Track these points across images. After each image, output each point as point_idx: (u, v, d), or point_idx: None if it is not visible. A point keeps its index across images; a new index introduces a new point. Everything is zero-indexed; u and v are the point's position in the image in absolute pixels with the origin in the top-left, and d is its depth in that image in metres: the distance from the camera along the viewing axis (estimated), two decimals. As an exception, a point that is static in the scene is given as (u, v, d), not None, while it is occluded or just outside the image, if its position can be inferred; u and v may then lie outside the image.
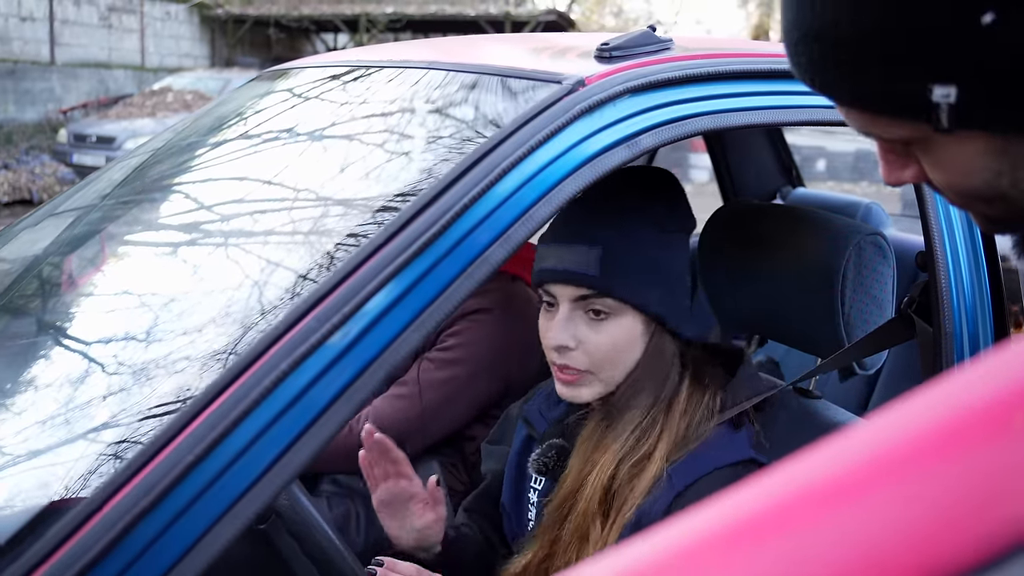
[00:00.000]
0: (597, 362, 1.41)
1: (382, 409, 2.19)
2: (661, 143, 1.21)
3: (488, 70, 1.31)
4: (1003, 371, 0.35)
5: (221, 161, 1.66)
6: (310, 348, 0.95)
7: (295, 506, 1.30)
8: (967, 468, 0.31)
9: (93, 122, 14.51)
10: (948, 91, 0.67)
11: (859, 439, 0.36)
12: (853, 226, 1.77)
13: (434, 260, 1.01)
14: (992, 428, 0.32)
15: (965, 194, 0.76)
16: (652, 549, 0.36)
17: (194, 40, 21.38)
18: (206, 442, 0.90)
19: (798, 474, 0.35)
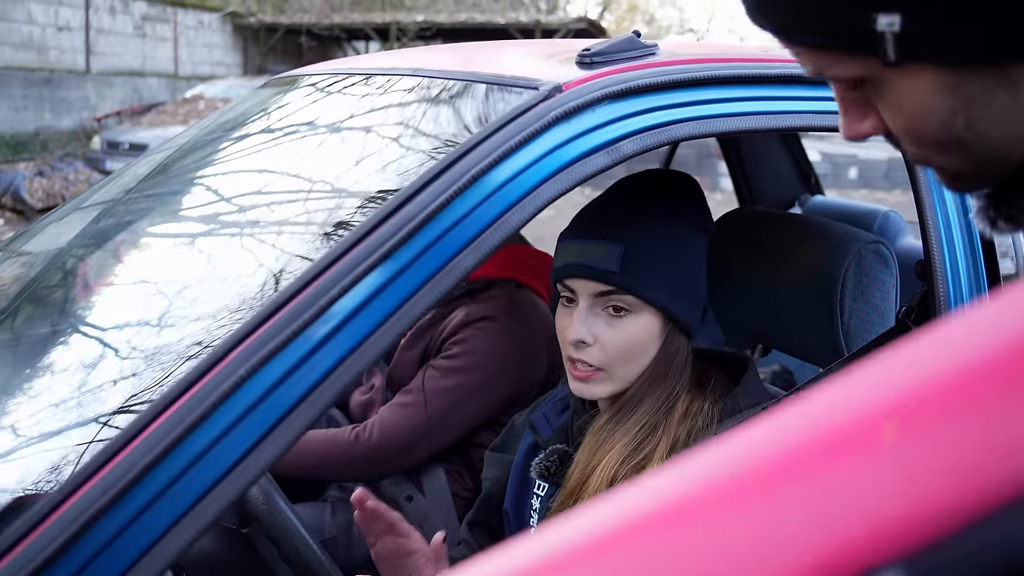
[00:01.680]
0: (612, 359, 1.41)
1: (388, 418, 2.19)
2: (643, 149, 1.20)
3: (468, 76, 1.31)
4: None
5: (205, 169, 1.67)
6: (274, 350, 0.95)
7: (273, 512, 1.30)
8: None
9: (126, 129, 14.68)
10: (892, 20, 0.67)
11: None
12: (854, 234, 1.75)
13: (402, 265, 1.01)
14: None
15: (922, 140, 0.75)
16: (552, 541, 0.35)
17: (227, 48, 21.58)
18: (164, 444, 0.90)
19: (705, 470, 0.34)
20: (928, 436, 0.31)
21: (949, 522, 0.30)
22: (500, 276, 2.26)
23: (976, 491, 0.30)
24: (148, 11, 18.80)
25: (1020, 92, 0.69)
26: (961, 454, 0.31)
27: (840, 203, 3.48)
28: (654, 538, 0.31)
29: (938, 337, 0.33)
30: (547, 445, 1.57)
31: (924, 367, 0.32)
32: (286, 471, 2.20)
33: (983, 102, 0.70)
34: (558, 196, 1.13)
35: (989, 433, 0.29)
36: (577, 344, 1.42)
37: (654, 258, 1.40)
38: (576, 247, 1.43)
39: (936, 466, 0.31)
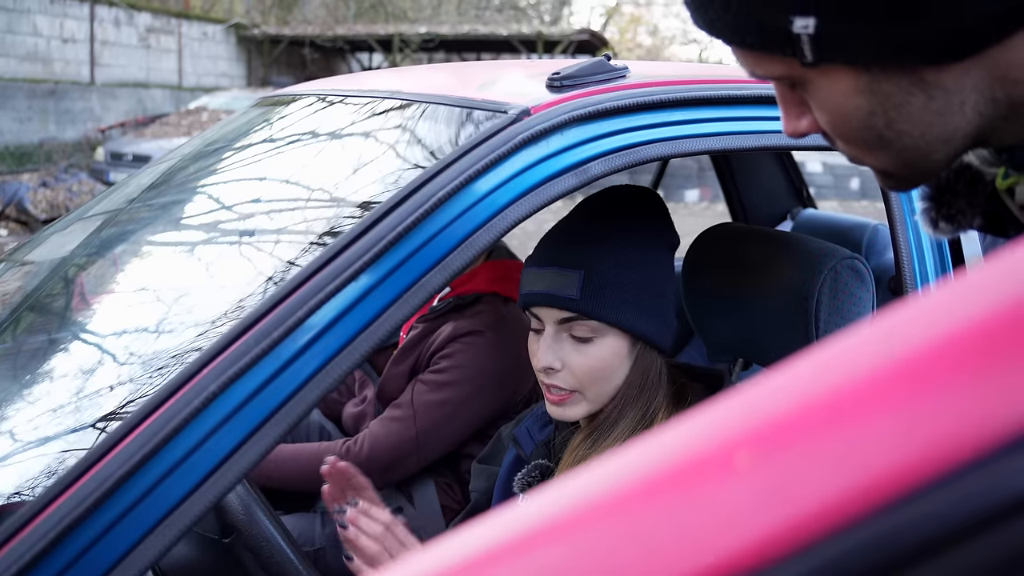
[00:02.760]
0: (584, 382, 1.43)
1: (378, 432, 2.21)
2: (611, 170, 1.22)
3: (440, 100, 1.34)
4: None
5: (185, 189, 1.70)
6: (245, 367, 0.98)
7: (252, 522, 1.33)
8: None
9: (130, 141, 14.74)
10: (807, 22, 0.70)
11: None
12: (830, 250, 1.77)
13: (370, 285, 1.04)
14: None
15: (849, 139, 0.78)
16: (469, 543, 0.38)
17: (231, 60, 21.67)
18: (138, 457, 0.93)
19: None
20: (779, 464, 0.34)
21: (806, 536, 0.33)
22: (487, 291, 2.29)
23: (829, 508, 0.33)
24: (152, 23, 18.89)
25: (935, 94, 0.73)
26: (811, 480, 0.34)
27: (830, 217, 3.50)
28: (527, 559, 0.34)
29: (791, 373, 0.36)
30: (530, 460, 1.59)
31: (778, 399, 0.35)
32: (278, 483, 2.23)
33: (900, 103, 0.73)
34: (526, 217, 1.16)
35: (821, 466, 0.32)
36: (546, 371, 1.44)
37: (614, 280, 1.41)
38: (537, 275, 1.45)
39: (791, 489, 0.34)
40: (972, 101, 0.73)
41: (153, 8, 19.07)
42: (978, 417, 0.34)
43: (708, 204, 14.55)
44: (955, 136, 0.75)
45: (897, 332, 0.36)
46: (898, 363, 0.35)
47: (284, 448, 2.26)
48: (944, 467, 0.33)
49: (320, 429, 2.56)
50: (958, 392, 0.34)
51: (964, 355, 0.35)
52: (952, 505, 0.33)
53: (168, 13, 19.45)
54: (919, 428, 0.34)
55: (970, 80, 0.72)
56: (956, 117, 0.74)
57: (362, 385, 2.61)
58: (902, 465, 0.33)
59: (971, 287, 0.37)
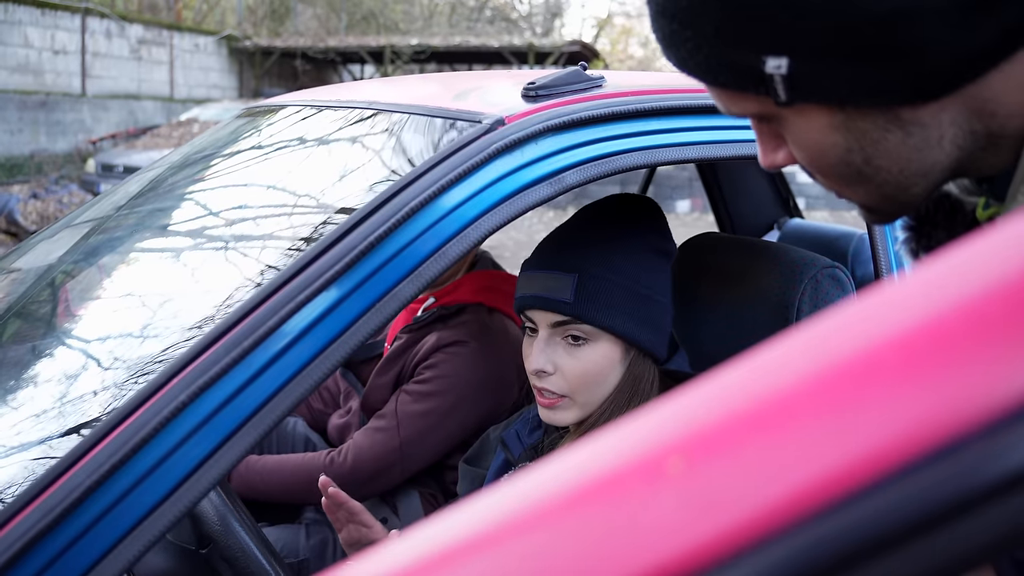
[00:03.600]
0: (575, 387, 1.43)
1: (362, 442, 2.21)
2: (587, 180, 1.22)
3: (415, 110, 1.34)
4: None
5: (160, 200, 1.70)
6: (215, 376, 0.98)
7: (228, 532, 1.32)
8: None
9: (121, 152, 14.71)
10: (780, 62, 0.70)
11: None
12: (810, 259, 1.77)
13: (343, 294, 1.04)
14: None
15: (827, 174, 0.78)
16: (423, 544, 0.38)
17: (222, 72, 21.67)
18: (106, 467, 0.93)
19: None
20: (711, 469, 0.34)
21: (736, 545, 0.33)
22: (471, 301, 2.29)
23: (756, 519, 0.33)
24: (144, 34, 18.90)
25: (913, 130, 0.72)
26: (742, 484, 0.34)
27: (816, 226, 3.50)
28: (453, 570, 0.34)
29: (725, 380, 0.36)
30: (518, 463, 1.59)
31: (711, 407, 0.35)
32: (262, 494, 2.22)
33: (876, 140, 0.73)
34: (500, 226, 1.16)
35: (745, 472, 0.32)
36: (538, 373, 1.44)
37: (609, 285, 1.42)
38: (533, 279, 1.46)
39: (722, 496, 0.34)
40: (950, 135, 0.73)
41: (145, 20, 19.07)
42: (913, 421, 0.34)
43: (699, 214, 14.58)
44: (934, 170, 0.75)
45: (830, 337, 0.36)
46: (830, 368, 0.35)
47: (268, 459, 2.26)
48: (875, 473, 0.33)
49: (305, 440, 2.55)
50: (892, 396, 0.34)
51: (898, 359, 0.35)
52: (883, 512, 0.33)
53: (160, 25, 19.45)
54: (851, 434, 0.34)
55: (947, 115, 0.72)
56: (935, 151, 0.73)
57: (347, 396, 2.61)
58: (833, 471, 0.33)
59: (906, 293, 0.37)
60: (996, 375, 0.33)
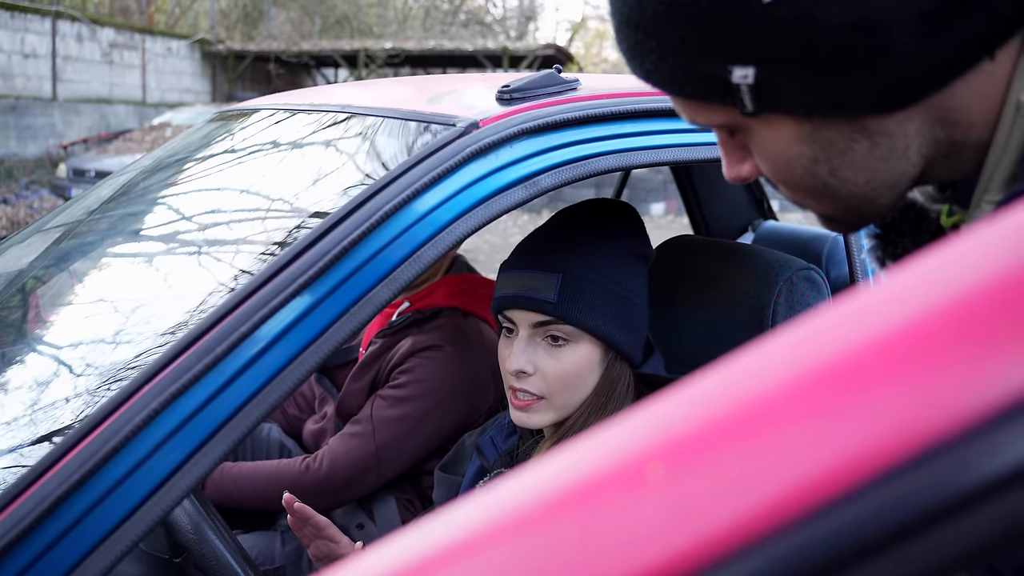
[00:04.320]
0: (553, 388, 1.43)
1: (337, 448, 2.19)
2: (562, 183, 1.22)
3: (388, 113, 1.33)
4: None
5: (131, 205, 1.69)
6: (187, 383, 0.97)
7: (201, 541, 1.31)
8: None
9: (92, 157, 14.60)
10: (746, 72, 0.69)
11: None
12: (785, 261, 1.77)
13: (317, 299, 1.03)
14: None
15: (792, 185, 0.77)
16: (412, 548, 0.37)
17: (195, 76, 21.56)
18: (76, 476, 0.92)
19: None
20: (692, 475, 0.33)
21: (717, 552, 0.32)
22: (446, 305, 2.28)
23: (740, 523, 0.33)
24: (116, 38, 18.76)
25: (879, 140, 0.72)
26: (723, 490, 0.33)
27: (791, 228, 3.52)
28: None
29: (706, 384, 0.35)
30: (493, 469, 1.58)
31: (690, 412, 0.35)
32: (237, 501, 2.21)
33: (843, 150, 0.73)
34: (475, 230, 1.15)
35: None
36: (517, 374, 1.43)
37: (592, 287, 1.41)
38: (514, 278, 1.45)
39: (702, 503, 0.33)
40: (916, 145, 0.73)
41: (116, 23, 18.94)
42: (895, 425, 0.33)
43: (674, 217, 14.63)
44: (900, 180, 0.75)
45: (810, 340, 0.36)
46: (810, 372, 0.35)
47: (243, 466, 2.24)
48: (858, 479, 0.33)
49: (280, 446, 2.53)
50: (875, 400, 0.34)
51: (879, 362, 0.35)
52: (865, 519, 0.32)
53: (132, 28, 19.33)
54: (831, 439, 0.33)
55: (913, 125, 0.72)
56: (901, 162, 0.73)
57: (322, 402, 2.59)
58: (814, 478, 0.33)
59: (887, 296, 0.37)
60: (974, 381, 0.33)
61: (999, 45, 0.69)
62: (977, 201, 0.75)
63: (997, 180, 0.73)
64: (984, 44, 0.69)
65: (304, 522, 1.57)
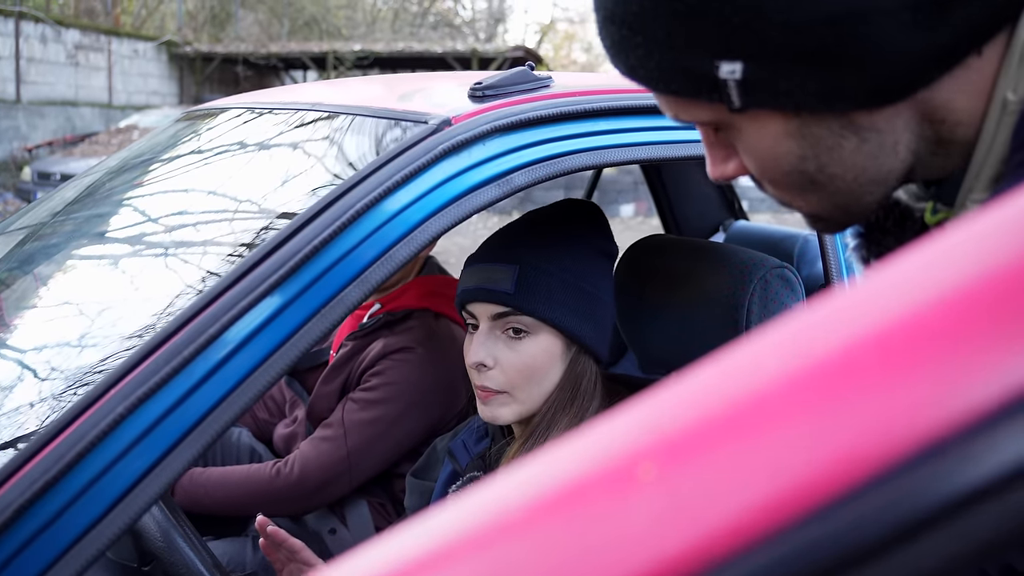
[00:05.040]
0: (514, 381, 1.42)
1: (308, 452, 2.17)
2: (535, 181, 1.21)
3: (360, 111, 1.32)
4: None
5: (98, 205, 1.66)
6: (155, 386, 0.94)
7: (171, 549, 1.28)
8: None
9: (58, 160, 14.45)
10: (734, 67, 0.69)
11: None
12: (759, 259, 1.77)
13: (288, 299, 1.01)
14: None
15: (778, 183, 0.77)
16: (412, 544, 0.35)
17: (162, 78, 21.39)
18: (40, 483, 0.89)
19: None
20: (686, 473, 0.32)
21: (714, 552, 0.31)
22: (418, 307, 2.26)
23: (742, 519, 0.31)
24: (81, 40, 18.57)
25: (868, 136, 0.71)
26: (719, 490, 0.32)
27: (761, 228, 3.53)
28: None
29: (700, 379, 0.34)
30: (465, 473, 1.57)
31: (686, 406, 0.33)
32: (208, 508, 2.18)
33: (831, 146, 0.72)
34: (448, 229, 1.14)
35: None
36: (477, 367, 1.43)
37: (551, 279, 1.41)
38: (475, 272, 1.45)
39: (697, 499, 0.32)
40: (905, 141, 0.72)
41: (82, 25, 18.74)
42: (894, 422, 0.32)
43: (643, 218, 14.67)
44: (889, 177, 0.74)
45: (802, 336, 0.35)
46: (806, 368, 0.33)
47: (213, 472, 2.21)
48: (857, 478, 0.31)
49: (251, 451, 2.51)
50: (867, 398, 0.33)
51: (872, 360, 0.33)
52: (860, 522, 0.31)
53: (97, 30, 19.13)
54: (826, 438, 0.32)
55: (901, 121, 0.71)
56: (889, 158, 0.73)
57: (292, 405, 2.57)
58: (810, 478, 0.31)
59: (883, 289, 0.36)
60: (976, 375, 0.32)
61: (986, 40, 0.69)
62: (962, 200, 0.74)
63: (983, 179, 0.73)
64: (972, 38, 0.68)
65: (277, 546, 1.54)
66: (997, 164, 0.71)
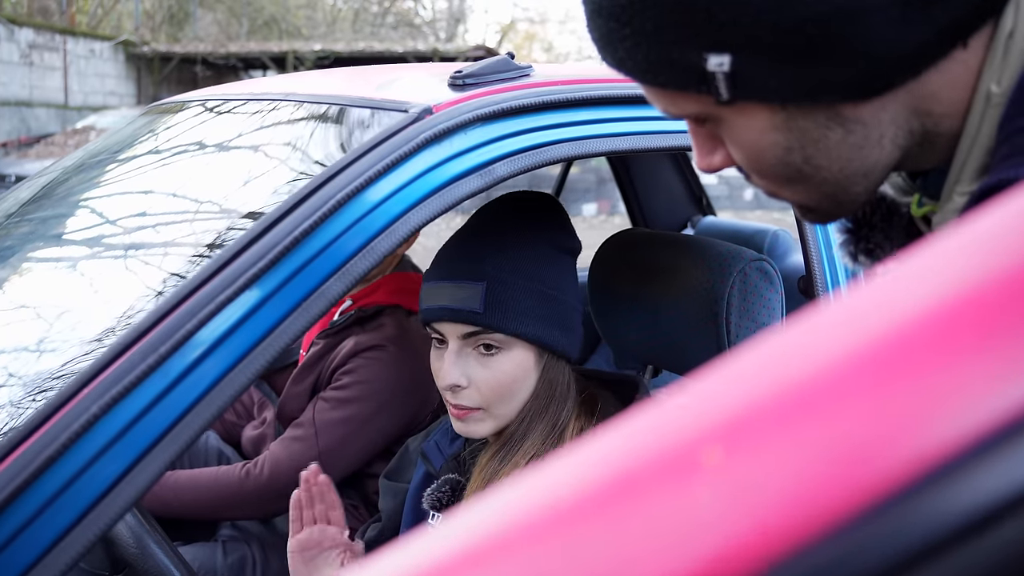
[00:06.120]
0: (489, 398, 1.40)
1: (279, 453, 2.14)
2: (517, 171, 1.18)
3: (337, 100, 1.28)
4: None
5: (70, 198, 1.61)
6: (129, 386, 0.90)
7: (144, 556, 1.24)
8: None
9: (13, 161, 14.23)
10: (722, 60, 0.69)
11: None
12: (738, 252, 1.76)
13: (267, 293, 0.97)
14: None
15: (765, 174, 0.77)
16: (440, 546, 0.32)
17: (119, 78, 21.11)
18: (8, 490, 0.85)
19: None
20: (755, 457, 0.29)
21: (784, 544, 0.28)
22: (389, 304, 2.23)
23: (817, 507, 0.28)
24: (35, 39, 18.27)
25: (854, 128, 0.72)
26: (792, 473, 0.29)
27: (731, 224, 3.53)
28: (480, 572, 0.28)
29: (758, 355, 0.31)
30: (440, 475, 1.54)
31: (746, 388, 0.31)
32: (176, 511, 2.13)
33: (817, 138, 0.73)
34: (429, 220, 1.10)
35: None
36: (452, 388, 1.40)
37: (519, 291, 1.38)
38: (439, 289, 1.41)
39: (767, 487, 0.29)
40: (891, 134, 0.73)
41: (36, 24, 18.44)
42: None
43: (606, 217, 14.70)
44: (875, 169, 0.75)
45: (868, 310, 0.32)
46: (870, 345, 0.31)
47: (181, 475, 2.16)
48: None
49: (219, 454, 2.46)
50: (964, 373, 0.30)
51: (973, 320, 0.31)
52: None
53: (52, 29, 18.84)
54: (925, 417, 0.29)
55: (888, 114, 0.72)
56: (875, 150, 0.74)
57: (261, 407, 2.52)
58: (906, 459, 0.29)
59: (945, 259, 0.33)
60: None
61: (972, 33, 0.70)
62: (948, 192, 0.75)
63: (968, 171, 0.74)
64: (958, 31, 0.69)
65: (312, 501, 1.51)
66: (982, 156, 0.72)
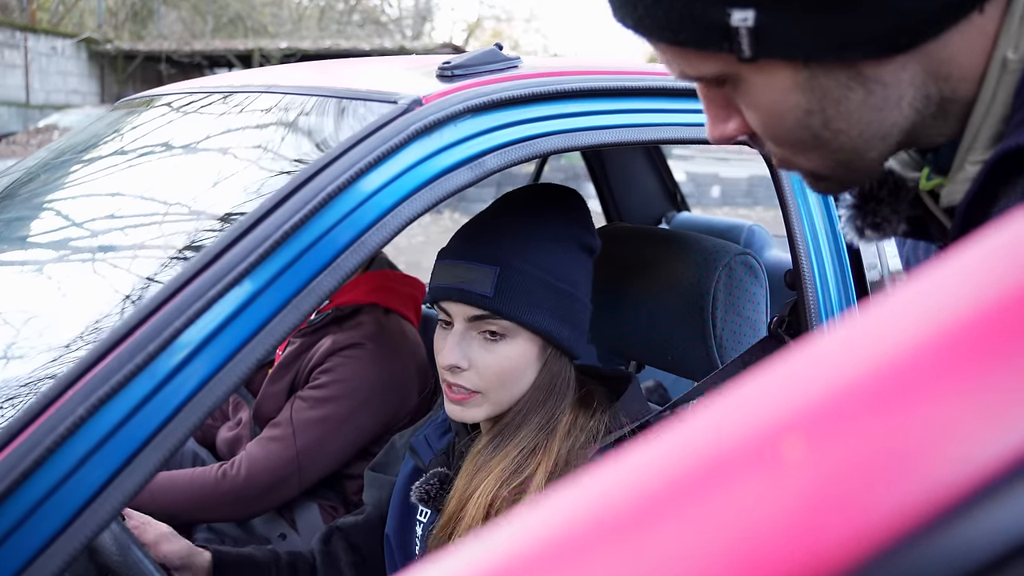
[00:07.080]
0: (489, 384, 1.39)
1: (256, 453, 2.10)
2: (507, 164, 1.16)
3: (324, 92, 1.25)
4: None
5: (45, 195, 1.56)
6: (117, 386, 0.87)
7: (127, 562, 1.21)
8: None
9: (-27, 162, 14.04)
10: (746, 15, 0.68)
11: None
12: (723, 247, 1.75)
13: (255, 290, 0.94)
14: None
15: (782, 139, 0.77)
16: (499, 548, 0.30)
17: (82, 76, 20.89)
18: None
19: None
20: (837, 452, 0.27)
21: (862, 547, 0.26)
22: (367, 302, 2.20)
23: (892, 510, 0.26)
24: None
25: (874, 88, 0.72)
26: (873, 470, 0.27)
27: (706, 219, 3.53)
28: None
29: (829, 347, 0.29)
30: (428, 469, 1.53)
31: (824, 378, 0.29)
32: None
33: (838, 99, 0.72)
34: (420, 214, 1.08)
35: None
36: (452, 369, 1.39)
37: (531, 281, 1.37)
38: (451, 268, 1.40)
39: (845, 486, 0.27)
40: (909, 96, 0.73)
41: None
42: None
43: (576, 214, 14.69)
44: (892, 132, 0.74)
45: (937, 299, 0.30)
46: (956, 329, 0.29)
47: (157, 477, 2.12)
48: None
49: (194, 456, 2.42)
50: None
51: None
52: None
53: (12, 26, 18.59)
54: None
55: (907, 74, 0.72)
56: (893, 112, 0.73)
57: (236, 407, 2.48)
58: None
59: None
60: None
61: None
62: (960, 162, 0.75)
63: (982, 139, 0.73)
64: None
65: None
66: (997, 124, 0.72)
